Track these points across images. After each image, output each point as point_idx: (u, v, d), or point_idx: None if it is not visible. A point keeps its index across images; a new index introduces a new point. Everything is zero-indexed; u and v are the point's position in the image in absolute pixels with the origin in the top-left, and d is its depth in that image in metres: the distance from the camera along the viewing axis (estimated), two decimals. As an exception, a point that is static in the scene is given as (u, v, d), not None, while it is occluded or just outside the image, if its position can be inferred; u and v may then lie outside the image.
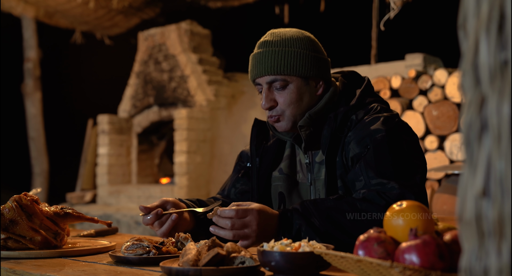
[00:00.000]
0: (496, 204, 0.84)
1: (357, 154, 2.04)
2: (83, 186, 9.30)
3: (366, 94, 2.20)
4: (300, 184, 2.25)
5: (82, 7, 8.56)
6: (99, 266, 1.74)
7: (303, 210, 1.90)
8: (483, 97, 0.86)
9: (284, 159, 2.31)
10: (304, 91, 2.15)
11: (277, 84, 2.14)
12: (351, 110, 2.14)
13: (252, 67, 2.18)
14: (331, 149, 2.09)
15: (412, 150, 2.05)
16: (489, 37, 0.85)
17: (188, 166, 7.70)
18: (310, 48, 2.16)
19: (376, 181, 1.94)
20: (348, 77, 2.28)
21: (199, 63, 8.22)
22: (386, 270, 1.24)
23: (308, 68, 2.13)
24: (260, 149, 2.33)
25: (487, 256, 0.86)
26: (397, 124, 2.08)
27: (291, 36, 2.16)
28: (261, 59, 2.14)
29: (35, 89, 9.45)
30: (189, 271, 1.50)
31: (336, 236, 1.84)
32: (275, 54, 2.12)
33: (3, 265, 1.78)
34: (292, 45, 2.14)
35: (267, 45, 2.16)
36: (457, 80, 5.13)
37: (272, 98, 2.15)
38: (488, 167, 0.85)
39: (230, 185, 2.45)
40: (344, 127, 2.11)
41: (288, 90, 2.13)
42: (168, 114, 8.33)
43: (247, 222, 1.82)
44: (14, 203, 2.00)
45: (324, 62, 2.20)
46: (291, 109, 2.14)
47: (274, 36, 2.17)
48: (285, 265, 1.47)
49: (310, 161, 2.20)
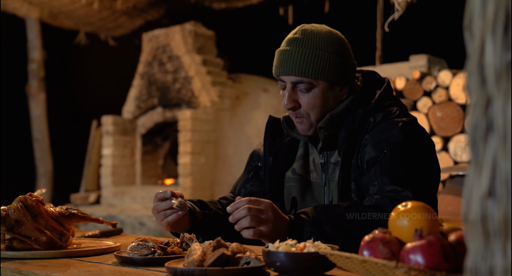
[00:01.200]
0: (501, 204, 0.85)
1: (373, 157, 2.02)
2: (87, 187, 9.31)
3: (385, 96, 2.18)
4: (314, 184, 2.23)
5: (86, 8, 8.57)
6: (105, 267, 1.75)
7: (314, 218, 1.89)
8: (488, 98, 0.86)
9: (297, 159, 2.29)
10: (328, 96, 2.13)
11: (302, 86, 2.11)
12: (369, 112, 2.12)
13: (279, 64, 2.15)
14: (348, 151, 2.07)
15: (428, 158, 2.04)
16: (495, 38, 0.85)
17: (192, 167, 7.70)
18: (340, 52, 2.12)
19: (390, 188, 1.93)
20: (368, 77, 2.25)
21: (203, 64, 8.23)
22: (391, 271, 1.24)
23: (335, 74, 2.11)
24: (274, 147, 2.31)
25: (493, 256, 0.86)
26: (415, 131, 2.06)
27: (322, 37, 2.12)
28: (289, 58, 2.11)
29: (39, 90, 9.46)
30: (194, 271, 1.50)
31: (346, 245, 1.83)
32: (305, 55, 2.09)
33: (9, 265, 1.78)
34: (323, 49, 2.10)
35: (297, 44, 2.12)
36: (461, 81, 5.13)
37: (295, 99, 2.13)
38: (494, 167, 0.85)
39: (240, 184, 2.45)
40: (362, 129, 2.09)
41: (313, 93, 2.11)
42: (172, 116, 8.33)
43: (262, 208, 1.84)
44: (19, 203, 2.01)
45: (352, 67, 2.17)
46: (314, 114, 2.13)
47: (305, 34, 2.14)
48: (290, 266, 1.47)
49: (325, 161, 2.19)
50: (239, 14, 9.19)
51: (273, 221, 1.84)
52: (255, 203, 1.85)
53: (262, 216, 1.83)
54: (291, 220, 1.89)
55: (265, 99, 8.30)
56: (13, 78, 10.36)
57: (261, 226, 1.84)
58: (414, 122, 2.10)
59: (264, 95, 8.34)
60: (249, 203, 1.85)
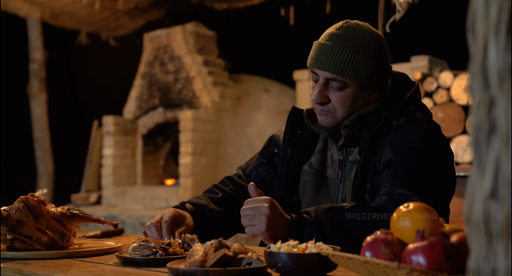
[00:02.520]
0: (504, 205, 0.85)
1: (389, 159, 2.01)
2: (88, 187, 9.31)
3: (411, 101, 2.16)
4: (329, 180, 2.23)
5: (88, 8, 8.57)
6: (106, 267, 1.75)
7: (316, 218, 1.89)
8: (491, 99, 0.86)
9: (315, 153, 2.29)
10: (359, 97, 2.13)
11: (335, 84, 2.10)
12: (393, 116, 2.11)
13: (316, 56, 2.13)
14: (368, 152, 2.06)
15: (444, 168, 2.02)
16: (498, 40, 0.85)
17: (193, 167, 7.71)
18: (378, 57, 2.11)
19: (401, 191, 1.92)
20: (398, 80, 2.23)
21: (204, 64, 8.23)
22: (393, 272, 1.24)
23: (370, 78, 2.09)
24: (294, 139, 2.31)
25: (495, 257, 0.86)
26: (436, 139, 2.05)
27: (364, 39, 2.10)
28: (328, 54, 2.09)
29: (41, 90, 9.46)
30: (196, 272, 1.50)
31: (347, 247, 1.83)
32: (343, 54, 2.08)
33: (11, 266, 1.78)
34: (362, 51, 2.08)
35: (338, 40, 2.10)
36: (462, 82, 5.13)
37: (325, 94, 2.12)
38: (497, 169, 0.85)
39: (253, 166, 2.45)
40: (384, 132, 2.08)
41: (345, 93, 2.10)
42: (173, 116, 8.33)
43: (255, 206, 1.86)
44: (21, 203, 2.01)
45: (387, 72, 2.16)
46: (341, 112, 2.12)
47: (347, 32, 2.11)
48: (292, 266, 1.47)
49: (343, 158, 2.18)
50: (240, 15, 9.19)
51: (269, 216, 1.84)
52: (251, 202, 1.87)
53: (254, 212, 1.85)
54: (292, 218, 1.89)
55: (266, 100, 8.30)
56: (14, 78, 10.37)
57: (253, 222, 1.85)
58: (437, 130, 2.08)
59: (265, 96, 8.34)
60: (245, 203, 1.89)
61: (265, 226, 1.83)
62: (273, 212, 1.85)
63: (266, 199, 1.87)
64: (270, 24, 9.49)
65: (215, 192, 2.45)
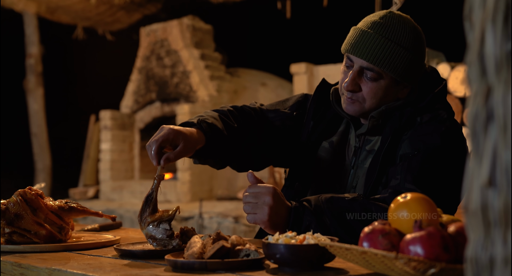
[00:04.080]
0: (502, 193, 0.85)
1: (406, 153, 1.98)
2: (86, 182, 9.31)
3: (437, 99, 2.12)
4: (343, 164, 2.19)
5: (84, 2, 8.56)
6: (104, 260, 1.75)
7: (315, 207, 1.88)
8: (489, 88, 0.86)
9: (337, 134, 2.24)
10: (391, 91, 2.08)
11: (369, 74, 2.05)
12: (418, 112, 2.07)
13: (355, 43, 2.07)
14: (389, 146, 2.03)
15: (459, 170, 1.96)
16: (495, 28, 0.85)
17: (190, 161, 7.70)
18: (417, 52, 2.07)
19: (410, 187, 1.89)
20: (427, 75, 2.18)
21: (201, 58, 8.22)
22: (391, 262, 1.24)
23: (406, 72, 2.05)
24: (318, 113, 2.26)
25: (493, 245, 0.86)
26: (456, 139, 2.02)
27: (406, 32, 2.05)
28: (367, 42, 2.04)
29: (37, 85, 9.45)
30: (194, 264, 1.50)
31: (345, 238, 1.82)
32: (384, 45, 2.03)
33: (9, 259, 1.78)
34: (404, 44, 2.04)
35: (380, 29, 2.05)
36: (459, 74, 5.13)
37: (357, 83, 2.07)
38: (494, 157, 0.85)
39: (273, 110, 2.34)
40: (407, 127, 2.05)
41: (378, 84, 2.06)
42: (170, 110, 8.33)
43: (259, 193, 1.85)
44: (18, 197, 2.01)
45: (422, 69, 2.12)
46: (370, 103, 2.07)
47: (391, 22, 2.06)
48: (290, 258, 1.47)
49: (359, 146, 2.15)
50: (237, 8, 9.18)
51: (271, 206, 1.83)
52: (254, 188, 1.86)
53: (257, 201, 1.84)
54: (292, 206, 1.88)
55: (263, 94, 8.30)
56: (11, 73, 10.35)
57: (256, 211, 1.85)
58: (458, 130, 2.05)
59: (262, 90, 8.34)
60: (248, 190, 1.87)
61: (267, 216, 1.83)
62: (276, 202, 1.84)
63: (269, 188, 1.85)
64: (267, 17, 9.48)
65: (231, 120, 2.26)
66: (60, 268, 1.62)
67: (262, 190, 1.85)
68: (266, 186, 1.86)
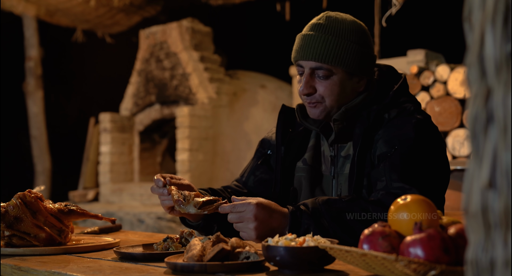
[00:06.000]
0: (502, 195, 0.84)
1: (384, 153, 2.01)
2: (86, 185, 9.30)
3: (400, 93, 2.15)
4: (323, 176, 2.22)
5: (83, 5, 8.55)
6: (104, 262, 1.75)
7: (313, 210, 1.88)
8: (489, 90, 0.86)
9: (309, 149, 2.27)
10: (346, 85, 2.11)
11: (320, 73, 2.09)
12: (384, 108, 2.10)
13: (300, 48, 2.12)
14: (362, 146, 2.05)
15: (438, 158, 2.02)
16: (495, 30, 0.85)
17: (190, 164, 7.70)
18: (362, 43, 2.11)
19: (398, 185, 1.92)
20: (385, 72, 2.23)
21: (200, 61, 8.22)
22: (391, 264, 1.24)
23: (356, 64, 2.09)
24: (286, 137, 2.29)
25: (494, 248, 0.86)
26: (428, 129, 2.05)
27: (346, 25, 2.10)
28: (311, 43, 2.09)
29: (37, 88, 9.44)
30: (194, 266, 1.50)
31: (345, 240, 1.82)
32: (327, 42, 2.07)
33: (9, 262, 1.78)
34: (345, 37, 2.08)
35: (321, 29, 2.10)
36: (459, 76, 5.13)
37: (312, 85, 2.10)
38: (494, 159, 0.85)
39: (249, 172, 2.41)
40: (376, 125, 2.07)
41: (331, 81, 2.09)
42: (170, 112, 8.32)
43: (244, 215, 1.83)
44: (18, 200, 2.01)
45: (372, 59, 2.16)
46: (330, 100, 2.10)
47: (329, 21, 2.11)
48: (290, 260, 1.47)
49: (335, 154, 2.17)
50: (236, 11, 9.18)
51: (256, 226, 1.83)
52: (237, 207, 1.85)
53: (241, 221, 1.85)
54: (289, 210, 1.89)
55: (263, 96, 8.30)
56: (10, 76, 10.34)
57: (243, 230, 1.86)
58: (428, 120, 2.08)
59: (261, 92, 8.34)
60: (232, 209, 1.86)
61: (254, 235, 1.84)
62: (261, 218, 1.84)
63: (250, 206, 1.84)
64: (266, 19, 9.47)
65: (222, 189, 2.42)
66: (60, 271, 1.62)
67: (244, 209, 1.85)
68: (248, 204, 1.85)
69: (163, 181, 2.04)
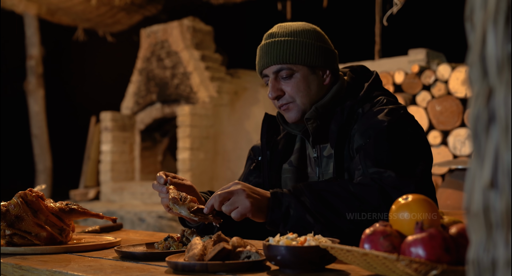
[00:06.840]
0: (504, 195, 0.84)
1: (360, 145, 2.04)
2: (87, 183, 9.31)
3: (373, 87, 2.20)
4: (309, 178, 2.25)
5: (84, 4, 8.55)
6: (105, 262, 1.75)
7: (294, 190, 1.91)
8: (490, 89, 0.86)
9: (294, 152, 2.31)
10: (311, 80, 2.15)
11: (283, 74, 2.14)
12: (358, 103, 2.13)
13: (259, 59, 2.21)
14: (339, 143, 2.09)
15: (414, 141, 2.04)
16: (497, 29, 0.85)
17: (191, 163, 7.70)
18: (316, 38, 2.17)
19: (373, 170, 1.94)
20: (357, 71, 2.28)
21: (201, 59, 8.22)
22: (392, 264, 1.24)
23: (314, 57, 2.14)
24: (271, 142, 2.34)
25: (495, 247, 0.86)
26: (401, 116, 2.06)
27: (297, 27, 2.18)
28: (267, 50, 2.16)
29: (38, 86, 9.45)
30: (195, 265, 1.50)
31: (326, 216, 1.85)
32: (281, 44, 2.14)
33: (10, 261, 1.78)
34: (298, 36, 2.15)
35: (274, 36, 2.17)
36: (460, 75, 5.13)
37: (278, 88, 2.16)
38: (496, 159, 0.85)
39: (243, 178, 2.45)
40: (351, 120, 2.11)
41: (295, 79, 2.14)
42: (171, 111, 8.32)
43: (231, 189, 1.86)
44: (19, 199, 2.01)
45: (331, 52, 2.20)
46: (300, 98, 2.15)
47: (280, 28, 2.19)
48: (291, 259, 1.47)
49: (318, 155, 2.21)
50: (237, 9, 9.17)
51: (247, 193, 1.85)
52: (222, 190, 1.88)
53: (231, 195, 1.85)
54: (271, 192, 1.90)
55: (264, 95, 8.30)
56: (12, 75, 10.35)
57: (236, 205, 1.85)
58: (401, 108, 2.10)
59: (262, 91, 8.34)
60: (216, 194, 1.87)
61: (249, 202, 1.84)
62: (248, 188, 1.87)
63: (234, 182, 1.89)
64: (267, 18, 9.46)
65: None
66: (61, 270, 1.62)
67: (230, 185, 1.89)
68: (230, 183, 1.90)
69: (164, 178, 2.06)
